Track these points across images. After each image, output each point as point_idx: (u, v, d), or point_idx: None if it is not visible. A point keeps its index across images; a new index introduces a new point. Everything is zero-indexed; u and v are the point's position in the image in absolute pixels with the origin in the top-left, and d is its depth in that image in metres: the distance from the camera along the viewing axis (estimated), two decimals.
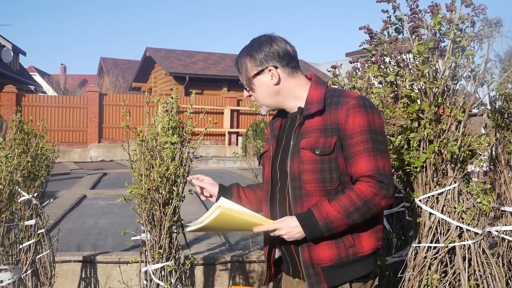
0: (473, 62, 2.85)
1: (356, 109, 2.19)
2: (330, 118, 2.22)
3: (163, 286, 3.22)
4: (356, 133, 2.18)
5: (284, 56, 2.29)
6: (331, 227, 2.15)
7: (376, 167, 2.16)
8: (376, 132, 2.20)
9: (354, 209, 2.14)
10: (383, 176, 2.16)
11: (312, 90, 2.31)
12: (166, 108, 3.39)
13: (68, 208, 8.91)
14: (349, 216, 2.14)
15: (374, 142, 2.19)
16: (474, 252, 2.83)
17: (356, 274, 2.24)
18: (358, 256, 2.23)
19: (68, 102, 23.77)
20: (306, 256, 2.23)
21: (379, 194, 2.15)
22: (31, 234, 4.13)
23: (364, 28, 3.11)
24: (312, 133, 2.23)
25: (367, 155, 2.17)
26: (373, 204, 2.15)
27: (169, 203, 3.25)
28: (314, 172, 2.20)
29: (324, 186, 2.20)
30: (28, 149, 3.96)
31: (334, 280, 2.22)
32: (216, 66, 29.62)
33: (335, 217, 2.14)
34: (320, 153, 2.19)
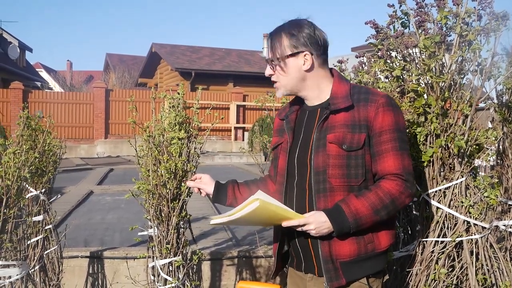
0: (479, 56, 2.83)
1: (386, 108, 2.22)
2: (359, 114, 2.22)
3: (171, 281, 3.23)
4: (385, 131, 2.21)
5: (322, 45, 2.28)
6: (359, 223, 2.17)
7: (403, 166, 2.21)
8: (402, 131, 2.26)
9: (382, 206, 2.17)
10: (409, 175, 2.22)
11: (336, 84, 2.30)
12: (173, 103, 3.40)
13: (75, 203, 8.94)
14: (377, 213, 2.17)
15: (401, 141, 2.23)
16: (482, 246, 2.83)
17: (372, 270, 2.28)
18: (376, 252, 2.26)
19: (74, 98, 23.83)
20: (326, 250, 2.22)
21: (405, 192, 2.20)
22: (38, 230, 4.15)
23: (370, 23, 3.09)
24: (339, 128, 2.22)
25: (394, 153, 2.21)
26: (399, 202, 2.20)
27: (176, 199, 3.26)
28: (340, 167, 2.20)
29: (349, 182, 2.21)
30: (35, 145, 3.98)
31: (352, 275, 2.24)
32: (222, 61, 29.61)
33: (364, 214, 2.15)
34: (347, 148, 2.19)
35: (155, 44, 30.94)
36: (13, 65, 32.54)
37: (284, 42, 2.26)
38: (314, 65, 2.28)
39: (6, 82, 27.13)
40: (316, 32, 2.27)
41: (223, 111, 24.02)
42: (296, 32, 2.25)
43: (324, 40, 2.29)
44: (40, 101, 22.66)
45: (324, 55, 2.31)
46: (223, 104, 24.42)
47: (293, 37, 2.25)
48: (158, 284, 3.29)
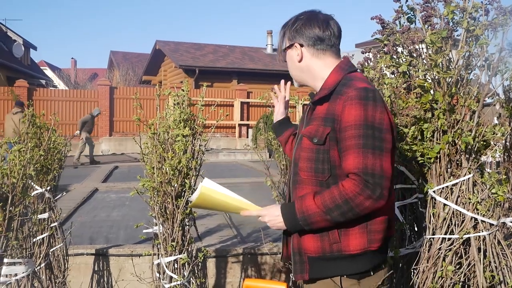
0: (487, 51, 2.81)
1: (354, 101, 2.10)
2: (331, 107, 2.17)
3: (176, 278, 3.23)
4: (350, 126, 2.08)
5: (312, 37, 2.28)
6: (308, 221, 2.11)
7: (364, 165, 2.05)
8: (374, 128, 2.08)
9: (334, 206, 2.06)
10: (369, 176, 2.04)
11: (331, 75, 2.27)
12: (177, 100, 3.38)
13: (80, 201, 8.95)
14: (328, 212, 2.08)
15: (368, 138, 2.07)
16: (489, 243, 2.81)
17: (341, 272, 2.19)
18: (343, 253, 2.16)
19: (78, 96, 23.85)
20: (295, 242, 2.25)
21: (363, 193, 2.04)
22: (44, 227, 4.15)
23: (376, 18, 3.07)
24: (316, 120, 2.21)
25: (356, 151, 2.07)
26: (355, 203, 2.05)
27: (181, 196, 3.25)
28: (309, 160, 2.19)
29: (317, 176, 2.17)
30: (40, 143, 3.97)
31: (317, 272, 2.20)
32: (226, 58, 29.58)
33: (313, 212, 2.09)
34: (317, 142, 2.16)
35: (159, 41, 30.92)
36: (17, 63, 32.60)
37: (283, 37, 2.36)
38: (304, 56, 2.31)
39: (11, 80, 27.18)
40: (306, 25, 2.28)
41: (227, 108, 24.00)
42: (290, 26, 2.32)
43: (314, 32, 2.28)
44: (45, 99, 22.69)
45: (317, 46, 2.29)
46: (227, 101, 24.40)
47: (287, 31, 2.33)
48: (163, 281, 3.29)
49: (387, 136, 2.11)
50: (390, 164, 2.11)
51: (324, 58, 2.30)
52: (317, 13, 2.32)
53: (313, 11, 2.33)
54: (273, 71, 28.20)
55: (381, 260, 2.26)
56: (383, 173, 2.06)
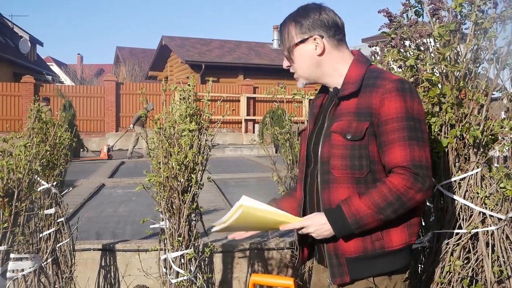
0: (495, 45, 2.78)
1: (393, 93, 2.04)
2: (364, 101, 2.08)
3: (183, 274, 3.22)
4: (392, 119, 2.03)
5: (332, 26, 2.16)
6: (361, 223, 2.03)
7: (412, 158, 2.01)
8: (414, 119, 2.04)
9: (386, 204, 2.00)
10: (418, 168, 2.00)
11: (352, 68, 2.18)
12: (184, 95, 3.37)
13: (87, 196, 8.98)
14: (380, 211, 2.01)
15: (411, 130, 2.03)
16: (498, 238, 2.79)
17: (382, 269, 2.12)
18: (386, 250, 2.10)
19: (85, 92, 23.93)
20: (331, 245, 2.13)
21: (414, 187, 2.00)
22: (51, 223, 4.15)
23: (383, 11, 3.05)
24: (346, 116, 2.10)
25: (402, 144, 2.02)
26: (407, 198, 2.01)
27: (187, 191, 3.24)
28: (343, 157, 2.08)
29: (353, 174, 2.08)
30: (46, 138, 3.97)
31: (357, 273, 2.12)
32: (232, 53, 29.57)
33: (365, 213, 2.02)
34: (351, 138, 2.07)
35: (165, 37, 30.93)
36: (24, 59, 32.71)
37: (291, 31, 2.19)
38: (326, 48, 2.17)
39: (18, 76, 27.28)
40: (322, 14, 2.16)
41: (234, 103, 24.00)
42: (301, 18, 2.17)
43: (333, 20, 2.17)
44: (51, 94, 22.75)
45: (337, 36, 2.19)
46: (233, 96, 24.39)
47: (299, 24, 2.17)
48: (170, 276, 3.28)
49: (425, 127, 2.10)
50: (429, 154, 2.09)
51: (342, 50, 2.22)
52: (321, 3, 2.22)
53: (315, 2, 2.22)
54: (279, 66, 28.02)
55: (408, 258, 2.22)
56: (428, 164, 2.05)
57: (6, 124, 21.10)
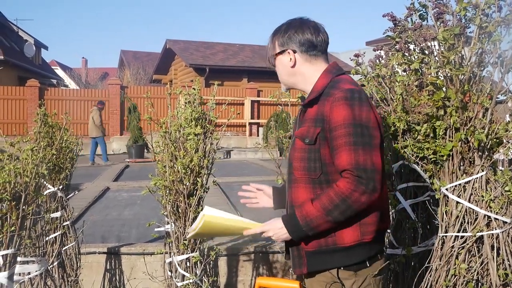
0: (500, 48, 2.79)
1: (341, 102, 2.20)
2: (320, 109, 2.27)
3: (189, 277, 3.23)
4: (340, 126, 2.19)
5: (305, 43, 2.37)
6: (311, 225, 2.20)
7: (356, 161, 2.15)
8: (362, 125, 2.19)
9: (333, 206, 2.15)
10: (361, 171, 2.14)
11: (320, 79, 2.38)
12: (189, 99, 3.39)
13: (92, 200, 8.99)
14: (328, 214, 2.16)
15: (357, 135, 2.17)
16: (503, 241, 2.79)
17: (339, 263, 2.27)
18: (338, 246, 2.25)
19: (89, 95, 23.97)
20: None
21: (357, 190, 2.13)
22: (56, 226, 4.17)
23: (388, 15, 3.06)
24: (307, 122, 2.32)
25: (347, 148, 2.16)
26: (352, 201, 2.14)
27: (193, 194, 3.26)
28: (301, 160, 2.29)
29: (309, 175, 2.27)
30: (52, 142, 3.99)
31: (315, 265, 2.29)
32: (236, 57, 29.60)
33: (314, 216, 2.18)
34: (308, 142, 2.26)
35: (169, 40, 30.99)
36: (29, 63, 32.82)
37: (274, 43, 2.44)
38: (297, 61, 2.39)
39: (23, 80, 27.37)
40: (298, 31, 2.38)
41: (238, 107, 24.00)
42: (282, 33, 2.40)
43: (307, 39, 2.37)
44: (56, 98, 22.82)
45: (310, 52, 2.39)
46: (238, 100, 24.39)
47: (279, 38, 2.41)
48: (176, 280, 3.30)
49: (375, 133, 2.22)
50: (380, 158, 2.22)
51: (315, 63, 2.41)
52: (307, 20, 2.42)
53: (302, 18, 2.43)
54: None
55: (376, 251, 2.34)
56: (374, 167, 2.17)
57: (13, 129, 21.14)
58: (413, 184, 3.27)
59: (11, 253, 2.82)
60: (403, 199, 3.29)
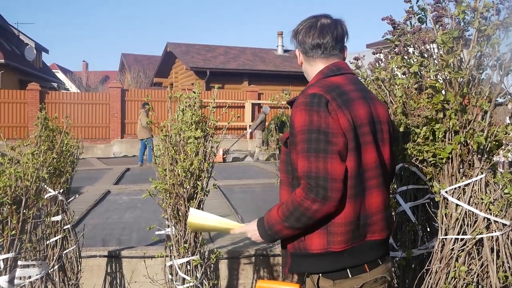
0: (498, 51, 2.80)
1: (299, 107, 2.18)
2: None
3: (189, 280, 3.24)
4: (298, 132, 2.16)
5: (307, 46, 2.39)
6: (274, 230, 2.23)
7: (308, 169, 2.11)
8: (319, 132, 2.12)
9: (289, 213, 2.16)
10: (312, 179, 2.09)
11: (311, 80, 2.40)
12: (189, 103, 3.40)
13: (93, 203, 8.99)
14: (285, 220, 2.17)
15: (312, 142, 2.12)
16: (503, 243, 2.79)
17: (312, 269, 2.26)
18: (307, 252, 2.23)
19: (90, 99, 23.98)
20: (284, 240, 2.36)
21: (308, 198, 2.10)
22: (57, 230, 4.18)
23: (387, 19, 3.07)
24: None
25: (302, 155, 2.13)
26: (304, 208, 2.11)
27: (193, 198, 3.26)
28: (283, 162, 2.34)
29: (288, 177, 2.31)
30: (53, 145, 4.00)
31: (294, 266, 2.31)
32: (237, 60, 29.61)
33: (275, 220, 2.21)
34: (285, 145, 2.32)
35: (170, 43, 31.01)
36: (30, 67, 32.83)
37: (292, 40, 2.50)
38: (302, 60, 2.45)
39: (23, 83, 27.39)
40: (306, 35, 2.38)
41: (238, 110, 24.01)
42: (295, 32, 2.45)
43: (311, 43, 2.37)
44: (57, 101, 22.83)
45: (310, 54, 2.39)
46: (238, 103, 24.41)
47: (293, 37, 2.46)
48: (176, 283, 3.30)
49: (334, 139, 2.13)
50: (339, 165, 2.11)
51: (314, 65, 2.40)
52: (319, 19, 2.38)
53: (317, 17, 2.40)
54: (284, 72, 28.19)
55: (351, 264, 2.22)
56: (327, 175, 2.09)
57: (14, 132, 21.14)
58: (413, 187, 3.28)
59: (12, 256, 2.83)
60: (403, 202, 3.30)
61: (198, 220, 2.50)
